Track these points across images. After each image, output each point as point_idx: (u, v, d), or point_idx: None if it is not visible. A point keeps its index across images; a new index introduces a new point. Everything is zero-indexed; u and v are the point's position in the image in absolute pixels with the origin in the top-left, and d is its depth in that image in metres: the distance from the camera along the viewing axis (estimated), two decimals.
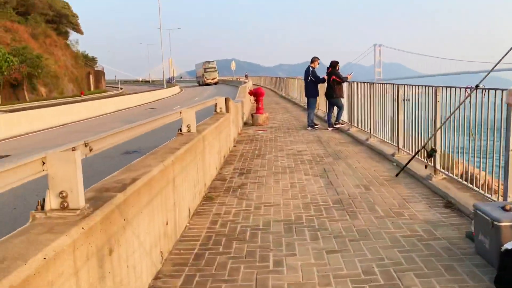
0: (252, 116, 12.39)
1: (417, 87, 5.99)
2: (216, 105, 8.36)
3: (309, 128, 10.78)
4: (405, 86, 6.38)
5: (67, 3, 68.65)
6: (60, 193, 2.21)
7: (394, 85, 6.82)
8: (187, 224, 4.27)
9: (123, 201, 2.64)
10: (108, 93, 52.93)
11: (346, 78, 10.25)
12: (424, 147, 5.15)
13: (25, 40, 47.80)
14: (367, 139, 8.24)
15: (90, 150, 2.71)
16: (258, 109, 12.44)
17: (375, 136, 8.09)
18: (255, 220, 4.29)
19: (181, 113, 5.28)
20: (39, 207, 2.21)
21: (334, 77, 10.17)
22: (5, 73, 35.48)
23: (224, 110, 8.38)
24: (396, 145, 6.76)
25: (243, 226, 4.14)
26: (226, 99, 8.56)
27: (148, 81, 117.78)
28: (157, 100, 35.29)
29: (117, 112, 24.87)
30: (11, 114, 17.38)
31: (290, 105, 19.89)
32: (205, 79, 63.19)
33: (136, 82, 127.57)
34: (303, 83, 18.77)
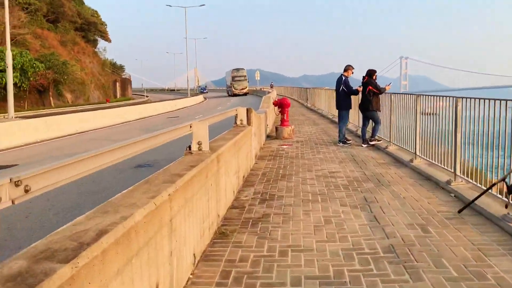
0: (277, 129, 11.34)
1: (486, 100, 4.79)
2: (236, 116, 7.36)
3: (341, 144, 9.64)
4: (470, 99, 5.18)
5: (96, 11, 69.95)
6: None
7: (453, 98, 5.63)
8: (190, 276, 3.22)
9: (69, 278, 1.61)
10: (133, 101, 53.08)
11: (384, 89, 9.08)
12: (504, 179, 3.95)
13: (54, 47, 48.56)
14: (411, 160, 7.02)
15: (26, 191, 1.71)
16: (283, 121, 11.38)
17: (422, 158, 6.89)
18: (281, 275, 3.20)
19: (191, 126, 4.27)
20: None
21: (370, 87, 9.02)
22: (32, 78, 35.73)
23: (245, 122, 7.36)
24: (452, 170, 5.55)
25: (264, 285, 3.06)
26: (248, 110, 7.54)
27: (174, 90, 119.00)
28: (179, 109, 34.76)
29: (139, 120, 24.32)
30: (29, 120, 16.92)
31: (317, 116, 18.74)
32: (233, 89, 57.68)
33: (162, 90, 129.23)
34: (331, 94, 17.92)
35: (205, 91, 76.89)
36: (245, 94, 56.49)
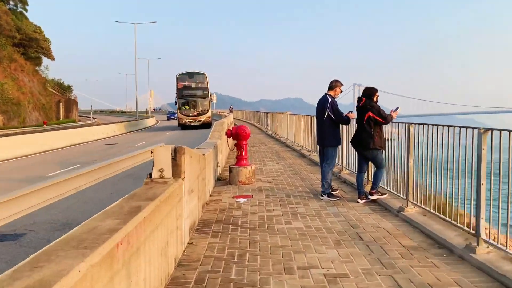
0: (231, 169, 7.99)
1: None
2: (153, 164, 3.97)
3: (325, 198, 6.45)
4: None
5: (39, 27, 64.64)
6: None
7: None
8: None
9: None
10: (74, 124, 48.13)
11: (391, 116, 6.06)
12: None
13: None
14: (470, 249, 3.87)
15: None
16: (239, 159, 8.07)
17: (493, 245, 3.76)
18: None
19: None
20: None
21: (371, 113, 5.97)
22: None
23: (168, 173, 3.99)
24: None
25: None
26: (176, 150, 4.17)
27: (125, 112, 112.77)
28: (123, 134, 30.67)
29: (67, 148, 20.14)
30: None
31: (281, 147, 15.64)
32: (181, 116, 33.64)
33: (112, 112, 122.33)
34: (298, 121, 14.82)
35: (173, 117, 56.18)
36: (207, 124, 32.22)
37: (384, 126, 6.10)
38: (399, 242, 4.35)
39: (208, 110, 33.58)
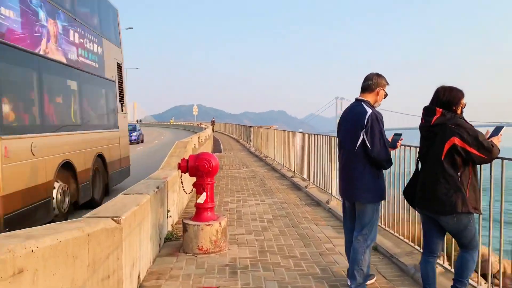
0: (186, 227, 4.71)
1: None
2: None
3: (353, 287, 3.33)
4: None
5: None
6: None
7: None
8: None
9: None
10: None
11: (497, 147, 2.99)
12: None
13: None
14: None
15: None
16: (200, 209, 4.80)
17: None
18: None
19: None
20: None
21: (457, 140, 2.91)
22: None
23: None
24: None
25: None
26: None
27: None
28: None
29: None
30: None
31: (266, 170, 12.48)
32: None
33: None
34: (288, 138, 11.42)
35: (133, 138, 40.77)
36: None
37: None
38: None
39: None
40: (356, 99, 3.49)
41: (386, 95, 3.56)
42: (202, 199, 4.69)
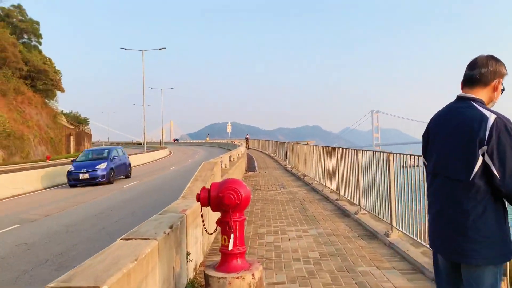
0: (208, 281, 3.57)
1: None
2: None
3: None
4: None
5: (49, 59, 63.26)
6: None
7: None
8: None
9: None
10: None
11: None
12: None
13: None
14: None
15: None
16: (227, 256, 3.65)
17: None
18: None
19: None
20: None
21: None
22: None
23: None
24: None
25: None
26: None
27: (141, 143, 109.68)
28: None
29: (40, 192, 16.12)
30: None
31: (305, 191, 11.17)
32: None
33: (128, 144, 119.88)
34: (331, 154, 9.60)
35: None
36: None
37: None
38: None
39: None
40: (461, 97, 2.22)
41: (503, 91, 2.27)
42: (230, 244, 3.51)
